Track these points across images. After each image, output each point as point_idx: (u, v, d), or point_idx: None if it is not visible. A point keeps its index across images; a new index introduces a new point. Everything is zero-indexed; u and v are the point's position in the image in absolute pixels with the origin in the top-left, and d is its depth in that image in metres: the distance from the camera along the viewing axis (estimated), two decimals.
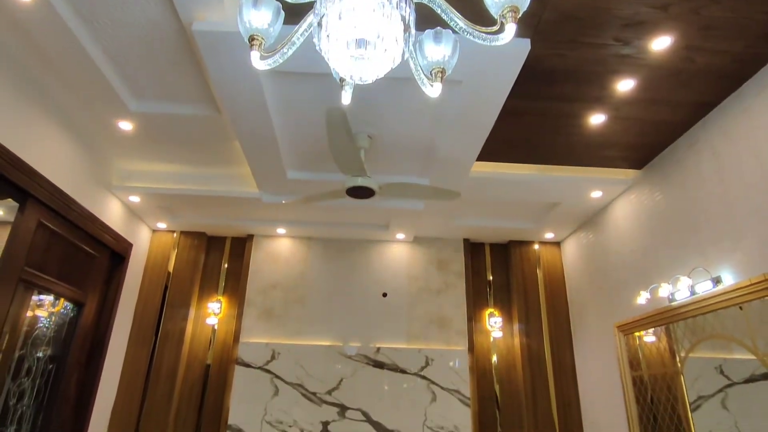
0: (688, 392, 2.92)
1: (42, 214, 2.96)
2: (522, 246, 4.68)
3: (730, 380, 2.61)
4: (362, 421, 4.01)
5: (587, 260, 4.18)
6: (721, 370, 2.66)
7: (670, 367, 3.06)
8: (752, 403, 2.48)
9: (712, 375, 2.72)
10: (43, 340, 3.20)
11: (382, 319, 4.36)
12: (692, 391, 2.89)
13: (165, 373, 4.08)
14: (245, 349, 4.17)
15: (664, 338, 3.15)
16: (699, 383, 2.83)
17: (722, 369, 2.66)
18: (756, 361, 2.42)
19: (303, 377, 4.11)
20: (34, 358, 3.11)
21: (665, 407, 3.08)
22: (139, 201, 3.93)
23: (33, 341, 3.10)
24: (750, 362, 2.47)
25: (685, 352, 2.92)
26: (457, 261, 4.62)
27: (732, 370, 2.61)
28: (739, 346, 2.53)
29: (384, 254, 4.61)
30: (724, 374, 2.65)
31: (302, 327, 4.31)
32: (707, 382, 2.77)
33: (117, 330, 3.96)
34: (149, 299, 4.31)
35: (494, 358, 4.39)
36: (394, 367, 4.18)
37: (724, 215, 2.65)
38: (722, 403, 2.66)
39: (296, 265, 4.53)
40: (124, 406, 3.96)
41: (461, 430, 4.02)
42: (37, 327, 3.14)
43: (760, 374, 2.42)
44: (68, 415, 3.45)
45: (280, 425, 3.96)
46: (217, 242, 4.68)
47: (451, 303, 4.47)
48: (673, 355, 3.04)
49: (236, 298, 4.42)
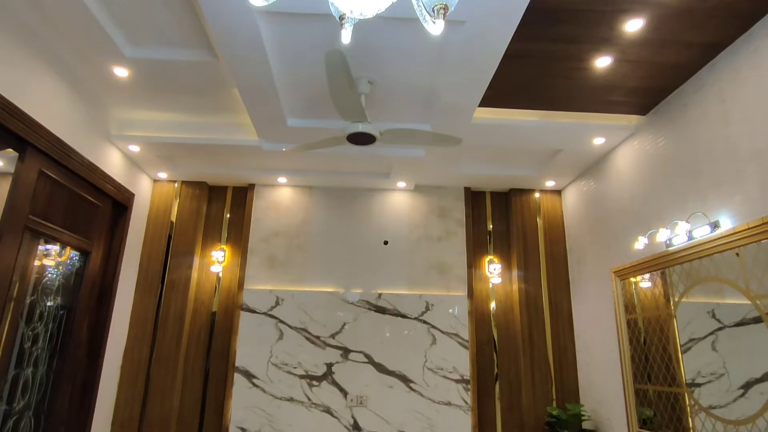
0: (680, 335, 3.00)
1: (42, 163, 2.96)
2: (523, 194, 4.69)
3: (721, 324, 2.69)
4: (365, 363, 4.17)
5: (587, 208, 4.21)
6: (714, 314, 2.73)
7: (663, 311, 3.14)
8: (740, 345, 2.57)
9: (704, 319, 2.80)
10: (52, 289, 3.27)
11: (384, 266, 4.44)
12: (684, 334, 2.97)
13: (172, 319, 4.20)
14: (249, 296, 4.28)
15: (659, 283, 3.21)
16: (691, 326, 2.91)
17: (714, 313, 2.73)
18: (747, 305, 2.48)
19: (307, 322, 4.24)
20: (44, 304, 3.20)
21: (657, 348, 3.19)
22: (138, 151, 3.91)
23: (43, 289, 3.18)
24: (741, 307, 2.53)
25: (679, 296, 2.99)
26: (457, 209, 4.65)
27: (723, 314, 2.67)
28: (731, 291, 2.59)
29: (385, 202, 4.63)
30: (715, 318, 2.72)
31: (305, 274, 4.39)
32: (699, 325, 2.85)
33: (124, 278, 4.05)
34: (153, 248, 4.37)
35: (493, 303, 4.50)
36: (395, 312, 4.30)
37: (727, 159, 2.64)
38: (712, 345, 2.75)
39: (298, 213, 4.56)
40: (135, 349, 4.11)
41: (460, 371, 4.18)
42: (46, 276, 3.20)
43: (750, 318, 2.49)
44: (82, 357, 3.58)
45: (285, 366, 4.12)
46: (219, 192, 4.69)
47: (452, 250, 4.53)
48: (668, 300, 3.11)
49: (239, 247, 4.49)
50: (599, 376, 3.90)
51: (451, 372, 4.18)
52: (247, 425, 3.98)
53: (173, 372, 4.08)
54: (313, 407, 4.05)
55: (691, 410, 2.86)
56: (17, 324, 2.93)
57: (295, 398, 4.06)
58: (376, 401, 4.08)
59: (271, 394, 4.06)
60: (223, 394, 4.10)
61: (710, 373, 2.74)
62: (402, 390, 4.12)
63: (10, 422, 2.90)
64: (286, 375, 4.10)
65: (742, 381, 2.52)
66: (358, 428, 4.02)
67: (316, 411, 4.04)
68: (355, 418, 4.04)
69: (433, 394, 4.12)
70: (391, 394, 4.10)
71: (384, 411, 4.06)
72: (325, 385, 4.11)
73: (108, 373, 3.85)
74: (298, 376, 4.11)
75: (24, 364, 3.02)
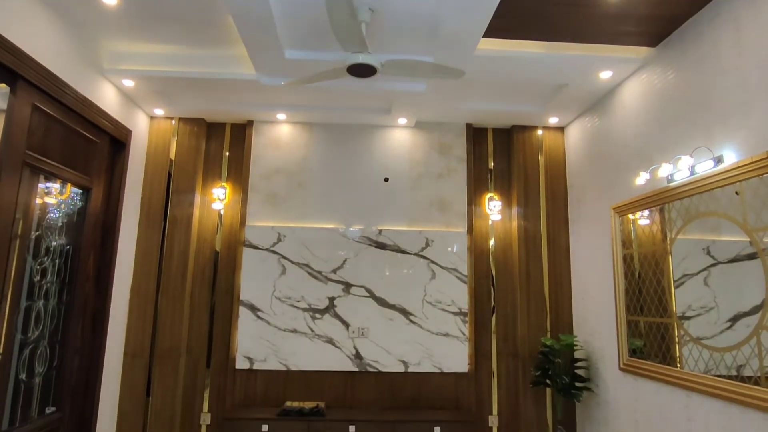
0: (674, 270, 3.06)
1: (35, 97, 2.89)
2: (525, 131, 4.62)
3: (715, 260, 2.73)
4: (366, 297, 4.29)
5: (590, 145, 4.16)
6: (708, 251, 2.78)
7: (660, 247, 3.19)
8: (731, 281, 2.63)
9: (699, 255, 2.84)
10: (56, 227, 3.31)
11: (384, 203, 4.47)
12: (678, 269, 3.03)
13: (177, 255, 4.27)
14: (252, 233, 4.33)
15: (657, 220, 3.24)
16: (685, 262, 2.97)
17: (709, 250, 2.77)
18: (742, 242, 2.51)
19: (309, 258, 4.31)
20: (50, 240, 3.24)
21: (651, 282, 3.27)
22: (133, 85, 3.81)
23: (47, 227, 3.21)
24: (737, 244, 2.57)
25: (676, 232, 3.03)
26: (459, 146, 4.60)
27: (718, 251, 2.71)
28: (728, 228, 2.61)
29: (386, 139, 4.58)
30: (710, 254, 2.77)
31: (306, 211, 4.42)
32: (693, 261, 2.90)
33: (126, 215, 4.08)
34: (154, 186, 4.37)
35: (492, 239, 4.56)
36: (395, 248, 4.37)
37: (737, 92, 2.58)
38: (704, 281, 2.81)
39: (298, 150, 4.52)
40: (142, 284, 4.22)
41: (458, 305, 4.31)
42: (49, 213, 3.23)
43: (744, 255, 2.53)
44: (90, 290, 3.68)
45: (288, 300, 4.25)
46: (217, 129, 4.62)
47: (452, 187, 4.53)
48: (664, 236, 3.15)
49: (240, 184, 4.48)
50: (593, 308, 4.02)
51: (449, 305, 4.31)
52: (253, 354, 4.16)
53: (180, 305, 4.20)
54: (316, 338, 4.21)
55: (679, 340, 2.97)
56: (24, 259, 2.98)
57: (298, 330, 4.21)
58: (377, 333, 4.24)
59: (276, 326, 4.21)
60: (230, 326, 4.26)
61: (700, 306, 2.82)
62: (402, 322, 4.27)
63: (27, 351, 3.03)
64: (290, 308, 4.24)
65: (731, 314, 2.60)
66: (359, 357, 4.21)
67: (319, 342, 4.21)
68: (357, 349, 4.22)
69: (432, 326, 4.27)
70: (391, 326, 4.25)
71: (384, 342, 4.23)
72: (328, 317, 4.25)
73: (117, 306, 3.97)
74: (301, 309, 4.24)
75: (35, 296, 3.10)
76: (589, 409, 4.01)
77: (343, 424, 3.79)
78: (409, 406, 4.20)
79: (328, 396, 4.19)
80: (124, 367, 4.10)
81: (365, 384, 4.22)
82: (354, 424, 3.79)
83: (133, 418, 4.04)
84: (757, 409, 2.35)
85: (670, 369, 3.01)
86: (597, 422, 3.87)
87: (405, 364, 4.22)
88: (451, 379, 4.26)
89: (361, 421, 3.81)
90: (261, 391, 4.17)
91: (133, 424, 4.04)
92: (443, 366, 4.23)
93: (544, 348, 4.06)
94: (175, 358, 4.13)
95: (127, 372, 4.09)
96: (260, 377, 4.18)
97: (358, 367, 4.20)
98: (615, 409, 3.63)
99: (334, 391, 4.20)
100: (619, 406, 3.57)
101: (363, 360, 4.21)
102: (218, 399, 4.20)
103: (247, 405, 4.13)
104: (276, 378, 4.19)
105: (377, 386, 4.23)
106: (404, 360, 4.22)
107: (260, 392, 4.16)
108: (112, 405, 3.98)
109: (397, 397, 4.22)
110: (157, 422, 4.05)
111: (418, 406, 4.20)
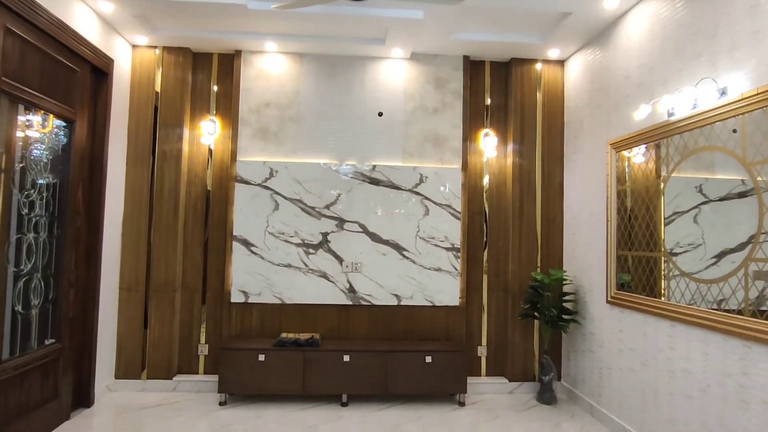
0: (666, 207, 3.09)
1: (5, 18, 2.71)
2: (524, 65, 4.47)
3: (706, 198, 2.76)
4: (359, 233, 4.30)
5: (590, 79, 4.05)
6: (701, 189, 2.79)
7: (653, 184, 3.18)
8: (719, 219, 2.67)
9: (691, 193, 2.86)
10: (41, 160, 3.21)
11: (378, 137, 4.38)
12: (669, 207, 3.05)
13: (167, 190, 4.21)
14: (243, 168, 4.26)
15: (652, 157, 3.22)
16: (677, 200, 2.98)
17: (702, 188, 2.79)
18: (734, 180, 2.51)
19: (301, 193, 4.28)
20: (35, 173, 3.16)
21: (643, 219, 3.29)
22: (112, 10, 3.60)
23: (32, 159, 3.11)
24: (729, 182, 2.57)
25: (671, 169, 3.01)
26: (455, 79, 4.46)
27: (710, 189, 2.73)
28: (722, 166, 2.61)
29: (380, 72, 4.41)
30: (702, 193, 2.79)
31: (298, 146, 4.33)
32: (685, 199, 2.92)
33: (114, 149, 3.98)
34: (141, 119, 4.23)
35: (486, 176, 4.53)
36: (389, 184, 4.33)
37: (746, 21, 2.47)
38: (694, 219, 2.85)
39: (289, 82, 4.36)
40: (134, 218, 4.18)
41: (451, 240, 4.35)
42: (32, 146, 3.12)
43: (735, 193, 2.53)
44: (82, 225, 3.65)
45: (282, 236, 4.25)
46: (204, 59, 4.42)
47: (448, 122, 4.44)
48: (658, 174, 3.15)
49: (229, 119, 4.35)
50: (584, 244, 4.07)
51: (442, 241, 4.34)
52: (248, 288, 4.21)
53: (173, 240, 4.20)
54: (310, 273, 4.26)
55: (667, 274, 3.03)
56: (10, 191, 2.91)
57: (292, 265, 4.25)
58: (371, 267, 4.29)
59: (270, 261, 4.23)
60: (224, 261, 4.28)
61: (688, 243, 2.87)
62: (395, 257, 4.31)
63: (20, 283, 3.03)
64: (283, 243, 4.25)
65: (717, 251, 2.65)
66: (353, 291, 4.28)
67: (313, 276, 4.26)
68: (351, 283, 4.28)
69: (425, 261, 4.33)
70: (384, 261, 4.30)
71: (378, 276, 4.29)
72: (321, 252, 4.28)
73: (110, 240, 3.96)
74: (294, 245, 4.26)
75: (24, 229, 3.07)
76: (574, 340, 4.16)
77: (337, 354, 3.91)
78: (401, 338, 4.33)
79: (322, 328, 4.30)
80: (120, 300, 4.15)
81: (359, 317, 4.33)
82: (348, 354, 3.91)
83: (132, 349, 4.15)
84: (738, 337, 2.44)
85: (656, 300, 3.09)
86: (582, 352, 4.03)
87: (398, 298, 4.31)
88: (442, 312, 4.37)
89: (355, 351, 3.93)
90: (257, 323, 4.26)
91: (132, 354, 4.14)
92: (435, 300, 4.33)
93: (534, 282, 4.14)
94: (170, 292, 4.18)
95: (123, 305, 4.15)
96: (256, 310, 4.26)
97: (352, 301, 4.29)
98: (600, 339, 3.76)
99: (328, 324, 4.31)
100: (604, 337, 3.70)
101: (357, 294, 4.28)
102: (215, 331, 4.29)
103: (244, 336, 4.23)
104: (271, 311, 4.27)
105: (370, 319, 4.33)
106: (397, 294, 4.30)
107: (256, 325, 4.26)
108: (110, 337, 4.06)
109: (390, 329, 4.34)
110: (156, 352, 4.16)
111: (410, 338, 4.33)
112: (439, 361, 3.95)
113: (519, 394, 4.31)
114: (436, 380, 3.94)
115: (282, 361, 3.88)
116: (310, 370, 3.88)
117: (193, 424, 3.53)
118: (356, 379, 3.90)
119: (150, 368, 4.15)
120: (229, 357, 3.86)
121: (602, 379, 3.70)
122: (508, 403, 4.10)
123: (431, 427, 3.58)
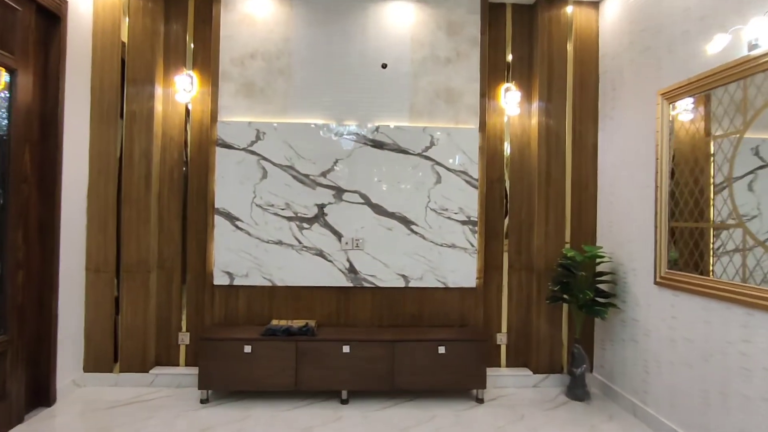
0: (716, 173, 2.60)
1: None
2: (552, 8, 3.80)
3: (764, 162, 2.34)
4: (361, 204, 3.72)
5: (633, 19, 3.39)
6: (757, 151, 2.37)
7: (701, 146, 2.58)
8: None
9: (746, 156, 2.43)
10: None
11: (382, 93, 3.75)
12: (720, 173, 2.58)
13: (138, 156, 3.64)
14: (225, 129, 3.66)
15: (701, 116, 2.69)
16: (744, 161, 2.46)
17: (758, 150, 2.37)
18: None
19: (293, 159, 3.69)
20: None
21: (696, 184, 2.72)
22: None
23: None
24: None
25: (748, 121, 2.41)
26: (471, 24, 3.80)
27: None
28: None
29: (383, 16, 3.77)
30: (758, 156, 2.37)
31: (289, 103, 3.72)
32: (739, 162, 2.47)
33: (72, 106, 3.39)
34: (105, 73, 3.64)
35: (507, 138, 3.91)
36: (395, 148, 3.73)
37: None
38: (749, 186, 2.42)
39: (277, 29, 3.73)
40: (100, 189, 3.62)
41: (466, 212, 3.76)
42: None
43: None
44: (31, 193, 3.09)
45: (271, 208, 3.68)
46: (178, 5, 3.79)
47: (462, 75, 3.80)
48: (708, 133, 2.65)
49: (209, 73, 3.74)
50: (623, 214, 3.47)
51: (456, 213, 3.75)
52: (233, 269, 3.66)
53: (146, 214, 3.64)
54: (305, 251, 3.70)
55: (738, 249, 2.45)
56: None
57: (284, 241, 3.69)
58: (374, 244, 3.72)
59: (258, 237, 3.67)
60: (205, 238, 3.72)
61: (742, 214, 2.44)
62: (402, 232, 3.73)
63: None
64: (273, 217, 3.68)
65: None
66: (354, 272, 3.72)
67: (307, 255, 3.70)
68: (351, 262, 3.72)
69: (437, 237, 3.74)
70: (390, 237, 3.72)
71: (382, 254, 3.72)
72: (317, 227, 3.70)
73: (71, 213, 3.41)
74: (286, 219, 3.69)
75: None
76: (611, 327, 3.59)
77: (336, 344, 3.37)
78: (409, 325, 3.78)
79: (319, 314, 3.75)
80: (87, 283, 3.61)
81: (361, 301, 3.78)
82: (348, 344, 3.37)
83: (102, 338, 3.63)
84: None
85: (725, 283, 2.50)
86: (621, 341, 3.46)
87: (405, 279, 3.74)
88: (456, 294, 3.80)
89: (357, 341, 3.39)
90: (243, 309, 3.72)
91: (102, 344, 3.63)
92: (449, 280, 3.76)
93: (565, 260, 3.56)
94: (144, 273, 3.64)
95: (90, 288, 3.62)
96: (242, 294, 3.71)
97: (353, 283, 3.73)
98: (645, 327, 3.19)
99: (325, 309, 3.76)
100: (651, 325, 3.12)
101: (358, 274, 3.72)
102: (197, 317, 3.76)
103: (228, 324, 3.70)
104: (260, 295, 3.72)
105: (374, 303, 3.78)
106: (404, 274, 3.73)
107: (243, 310, 3.72)
108: (76, 324, 3.54)
109: (396, 314, 3.79)
110: (129, 342, 3.64)
111: (419, 325, 3.79)
112: (453, 351, 3.40)
113: (545, 388, 3.76)
114: (449, 373, 3.40)
115: (271, 352, 3.34)
116: (305, 363, 3.35)
117: (170, 427, 3.02)
118: (358, 373, 3.37)
119: (123, 360, 3.64)
120: (210, 348, 3.33)
121: (648, 374, 3.14)
122: (534, 398, 3.56)
123: (446, 429, 3.05)
